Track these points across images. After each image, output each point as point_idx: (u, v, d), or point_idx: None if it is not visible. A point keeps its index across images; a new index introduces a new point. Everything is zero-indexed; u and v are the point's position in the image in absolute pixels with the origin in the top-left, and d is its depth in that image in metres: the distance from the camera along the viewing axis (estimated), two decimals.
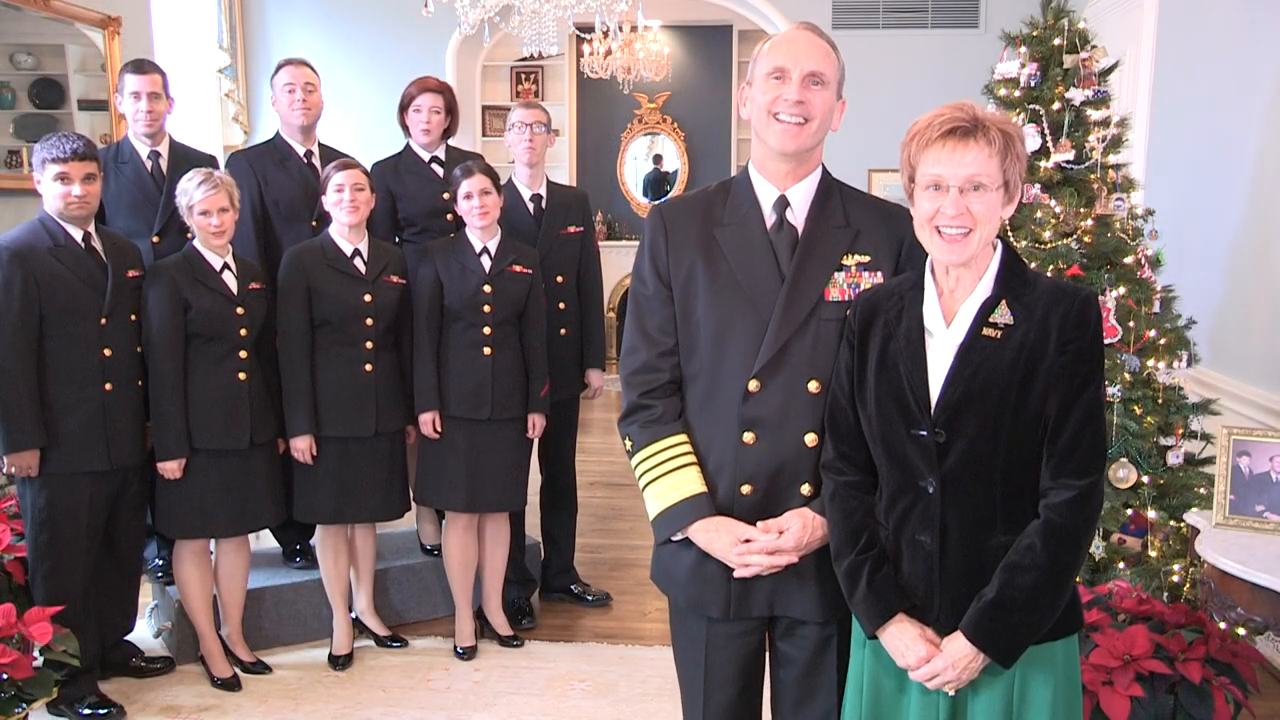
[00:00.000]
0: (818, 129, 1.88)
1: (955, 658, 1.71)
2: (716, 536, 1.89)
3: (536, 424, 3.61)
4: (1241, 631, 2.59)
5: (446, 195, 3.80)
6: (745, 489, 1.90)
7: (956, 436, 1.70)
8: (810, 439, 1.88)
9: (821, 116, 1.87)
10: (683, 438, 1.94)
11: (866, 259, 1.90)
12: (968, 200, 1.69)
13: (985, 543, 1.72)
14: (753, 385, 1.86)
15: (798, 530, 1.87)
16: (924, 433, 1.72)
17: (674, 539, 1.96)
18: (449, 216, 3.81)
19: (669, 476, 1.93)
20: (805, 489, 1.89)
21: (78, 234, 3.09)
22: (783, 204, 1.92)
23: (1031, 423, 1.69)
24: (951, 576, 1.74)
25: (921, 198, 1.73)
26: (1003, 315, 1.71)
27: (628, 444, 2.00)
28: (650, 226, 1.97)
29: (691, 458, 1.94)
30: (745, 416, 1.87)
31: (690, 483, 1.92)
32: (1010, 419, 1.68)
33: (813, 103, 1.85)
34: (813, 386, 1.86)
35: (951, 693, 1.74)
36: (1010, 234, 3.21)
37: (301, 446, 3.39)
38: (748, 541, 1.87)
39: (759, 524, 1.89)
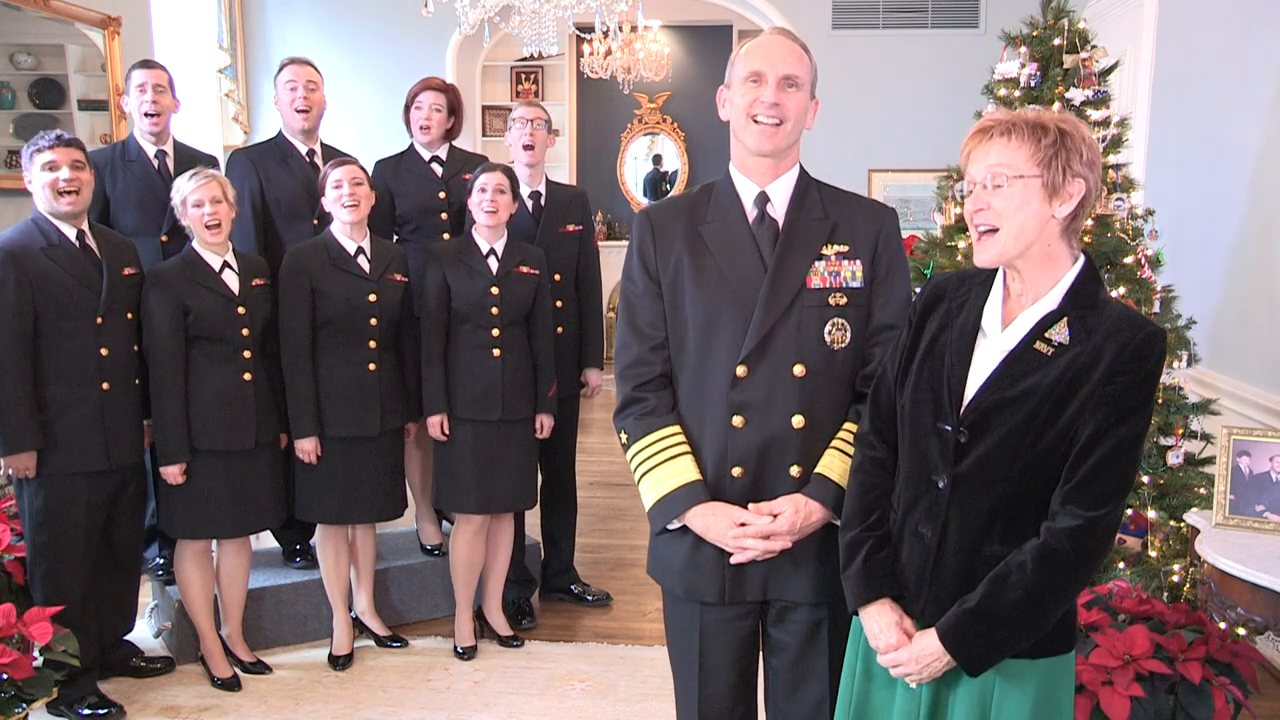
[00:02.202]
0: (793, 129, 1.96)
1: (920, 653, 1.72)
2: (713, 521, 1.95)
3: (545, 424, 3.61)
4: (1241, 631, 2.59)
5: (443, 195, 3.80)
6: (736, 471, 1.96)
7: (978, 440, 1.69)
8: (797, 421, 1.94)
9: (796, 117, 1.96)
10: (676, 429, 2.00)
11: (845, 248, 1.97)
12: (990, 196, 1.66)
13: (980, 549, 1.71)
14: (740, 371, 1.93)
15: (791, 515, 1.92)
16: (948, 428, 1.72)
17: (670, 527, 2.00)
18: (443, 215, 3.81)
19: (664, 466, 1.98)
20: (794, 470, 1.95)
21: (71, 232, 3.08)
22: (763, 199, 1.99)
23: (1055, 444, 1.65)
24: (942, 575, 1.74)
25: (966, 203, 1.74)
26: (1059, 333, 1.66)
27: (623, 437, 2.06)
28: (638, 228, 2.05)
29: (686, 447, 1.99)
30: (734, 401, 1.94)
31: (686, 471, 1.98)
32: (1035, 437, 1.65)
33: (787, 105, 1.93)
34: (798, 370, 1.93)
35: (913, 685, 1.76)
36: None
37: (307, 449, 3.39)
38: (743, 525, 1.92)
39: (751, 507, 1.94)
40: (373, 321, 3.42)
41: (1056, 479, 1.67)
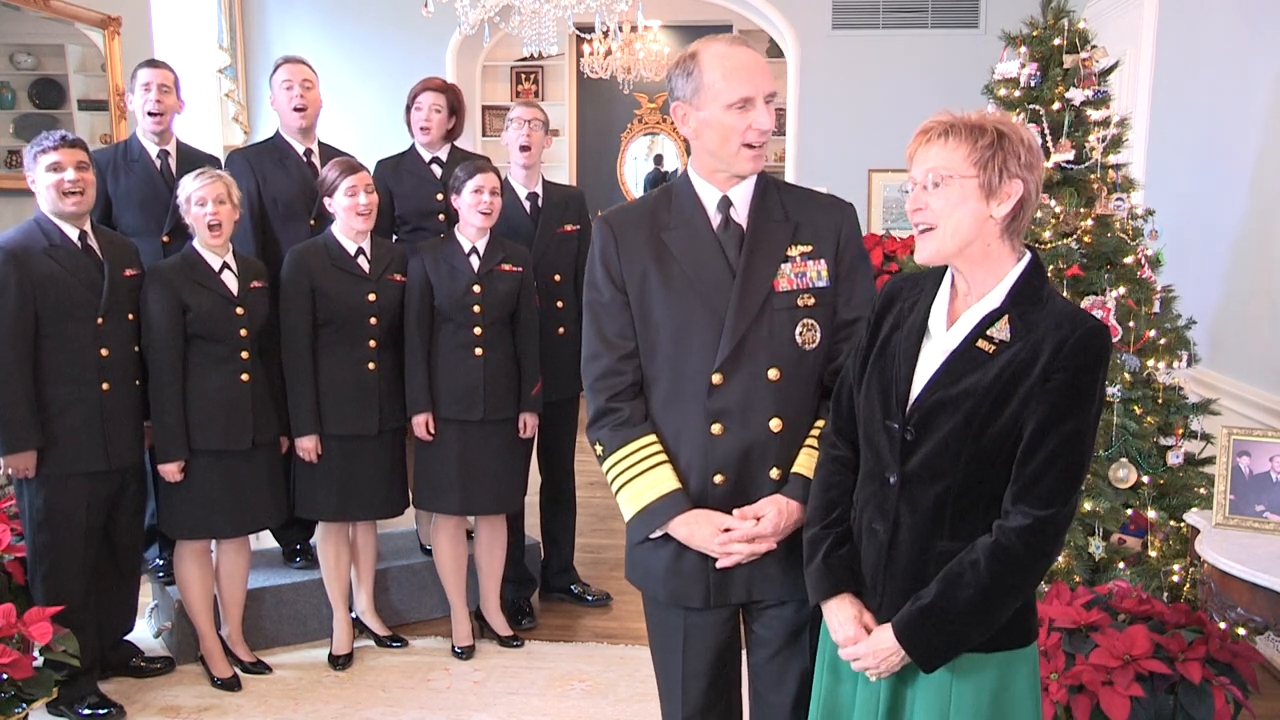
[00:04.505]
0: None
1: (877, 647, 1.74)
2: (697, 529, 1.95)
3: (529, 423, 3.60)
4: (1241, 631, 2.59)
5: (440, 196, 3.80)
6: (718, 479, 1.96)
7: (924, 439, 1.72)
8: (774, 424, 1.94)
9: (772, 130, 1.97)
10: (653, 438, 2.00)
11: (809, 248, 1.97)
12: (928, 195, 1.69)
13: (931, 545, 1.73)
14: (716, 378, 1.93)
15: (774, 516, 1.93)
16: (896, 426, 1.75)
17: (652, 536, 2.00)
18: (440, 217, 3.81)
19: (644, 476, 1.98)
20: (774, 473, 1.96)
21: (73, 233, 3.09)
22: (726, 204, 1.99)
23: (997, 441, 1.67)
24: (895, 570, 1.76)
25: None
26: (1000, 331, 1.69)
27: (598, 449, 2.05)
28: (599, 236, 2.03)
29: (663, 456, 1.99)
30: (711, 409, 1.94)
31: (665, 480, 1.97)
32: (976, 434, 1.68)
33: (772, 122, 1.93)
34: (772, 374, 1.93)
35: (872, 679, 1.78)
36: None
37: (307, 446, 3.40)
38: (728, 531, 1.93)
39: (735, 512, 1.95)
40: (372, 321, 3.42)
41: (1003, 475, 1.68)
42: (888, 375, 1.78)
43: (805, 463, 1.96)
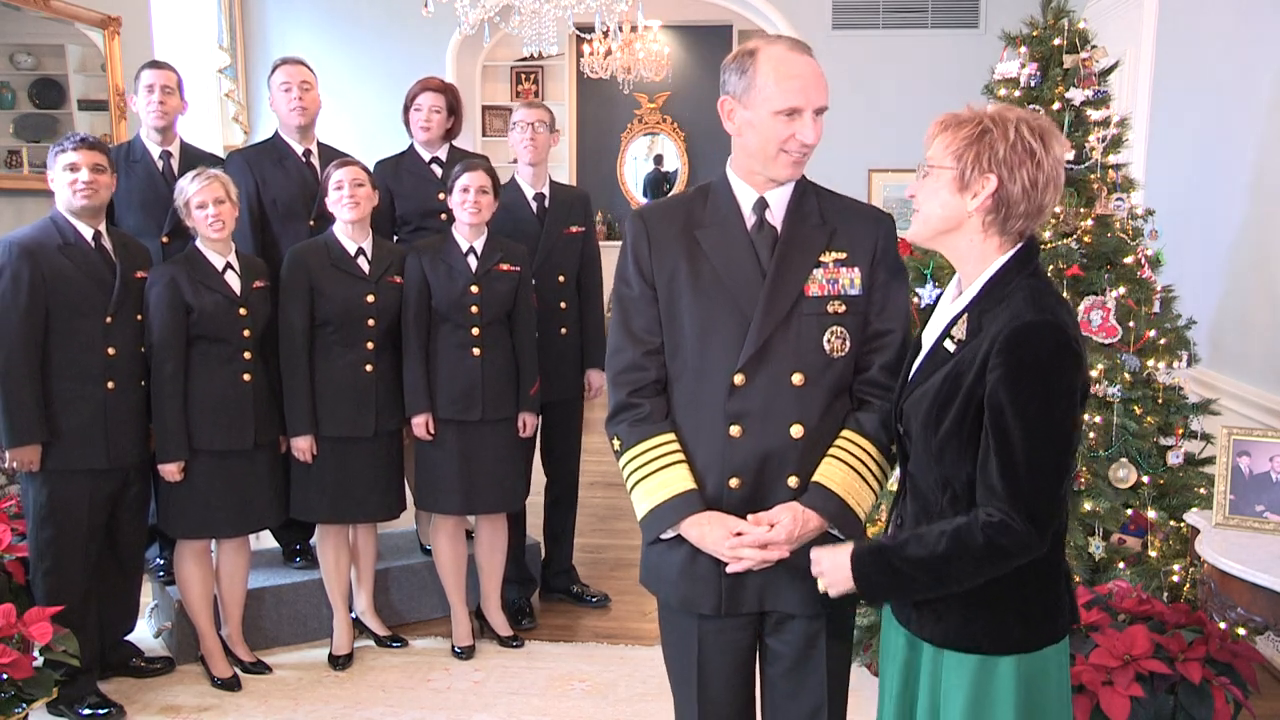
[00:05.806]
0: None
1: (835, 561, 1.79)
2: (709, 530, 1.91)
3: (528, 423, 3.61)
4: (1241, 631, 2.59)
5: (442, 195, 3.80)
6: (734, 482, 1.93)
7: (909, 434, 1.78)
8: (796, 430, 1.91)
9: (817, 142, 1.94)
10: (671, 436, 1.97)
11: (843, 256, 1.94)
12: (917, 185, 1.75)
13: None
14: (738, 379, 1.90)
15: (788, 524, 1.89)
16: (899, 422, 1.81)
17: (664, 536, 1.98)
18: (442, 216, 3.81)
19: (659, 474, 1.95)
20: (792, 481, 1.92)
21: (88, 232, 3.11)
22: (762, 205, 1.96)
23: (947, 443, 1.68)
24: None
25: None
26: (959, 331, 1.70)
27: (616, 444, 2.02)
28: (632, 230, 2.01)
29: (680, 455, 1.96)
30: (731, 410, 1.91)
31: (680, 480, 1.94)
32: (932, 435, 1.70)
33: (817, 136, 1.91)
34: (796, 379, 1.90)
35: (822, 588, 1.83)
36: None
37: (302, 446, 3.40)
38: (739, 535, 1.90)
39: (749, 517, 1.92)
40: (370, 322, 3.42)
41: (962, 475, 1.69)
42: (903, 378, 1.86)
43: (827, 473, 1.92)
